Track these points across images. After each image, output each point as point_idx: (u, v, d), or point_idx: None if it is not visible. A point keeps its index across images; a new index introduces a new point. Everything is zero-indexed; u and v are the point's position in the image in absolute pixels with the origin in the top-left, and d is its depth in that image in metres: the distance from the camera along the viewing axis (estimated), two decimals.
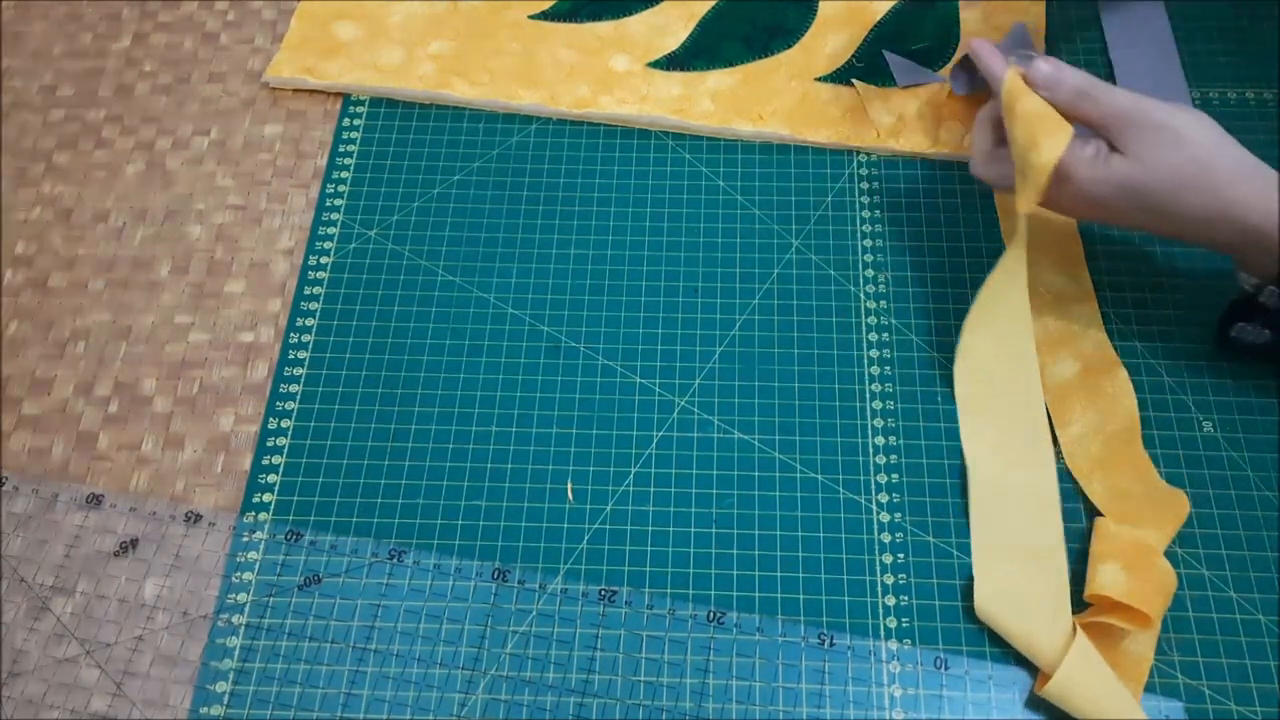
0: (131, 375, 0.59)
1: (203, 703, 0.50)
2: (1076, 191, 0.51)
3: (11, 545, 0.54)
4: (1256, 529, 0.53)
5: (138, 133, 0.67)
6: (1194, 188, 0.49)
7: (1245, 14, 0.69)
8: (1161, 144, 0.49)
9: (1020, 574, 0.51)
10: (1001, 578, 0.51)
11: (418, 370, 0.58)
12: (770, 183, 0.64)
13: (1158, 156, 0.49)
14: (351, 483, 0.55)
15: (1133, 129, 0.50)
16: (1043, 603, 0.50)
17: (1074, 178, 0.51)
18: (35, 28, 0.72)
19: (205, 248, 0.63)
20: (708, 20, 0.69)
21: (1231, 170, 0.49)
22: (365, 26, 0.70)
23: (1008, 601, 0.50)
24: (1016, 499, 0.53)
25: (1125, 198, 0.50)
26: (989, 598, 0.50)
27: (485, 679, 0.50)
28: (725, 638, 0.51)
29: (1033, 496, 0.53)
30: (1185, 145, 0.49)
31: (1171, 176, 0.49)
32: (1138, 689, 0.48)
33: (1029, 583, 0.51)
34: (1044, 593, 0.50)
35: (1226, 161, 0.49)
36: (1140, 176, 0.50)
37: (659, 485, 0.54)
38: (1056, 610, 0.50)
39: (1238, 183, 0.49)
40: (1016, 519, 0.52)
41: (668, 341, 0.58)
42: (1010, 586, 0.51)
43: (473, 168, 0.65)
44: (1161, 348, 0.57)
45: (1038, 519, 0.52)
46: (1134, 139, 0.50)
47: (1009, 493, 0.53)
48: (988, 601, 0.50)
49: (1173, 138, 0.49)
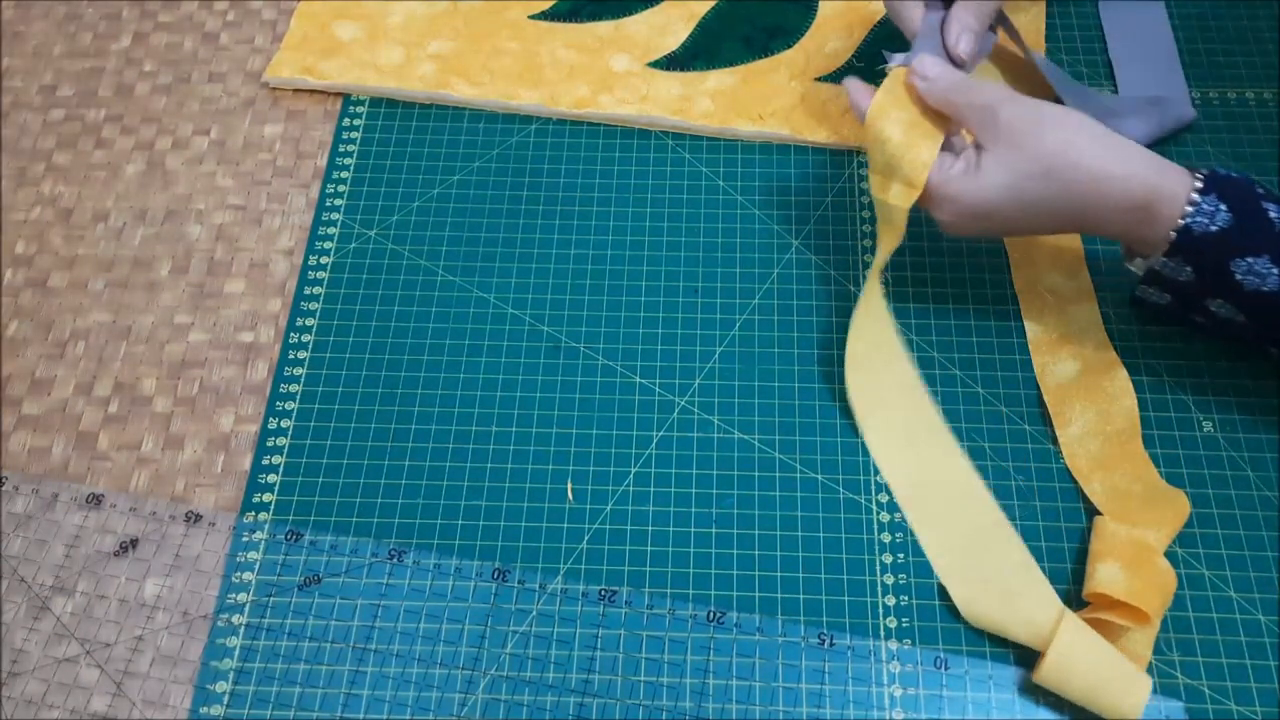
0: (131, 375, 0.59)
1: (203, 703, 0.50)
2: (959, 208, 0.52)
3: (11, 545, 0.54)
4: (1256, 529, 0.53)
5: (138, 133, 0.67)
6: (1064, 170, 0.50)
7: (1245, 14, 0.69)
8: (1028, 133, 0.50)
9: (979, 562, 0.51)
10: (965, 573, 0.51)
11: (418, 370, 0.58)
12: (770, 183, 0.64)
13: (1027, 145, 0.50)
14: (351, 483, 0.55)
15: (1001, 120, 0.51)
16: (1013, 582, 0.50)
17: (951, 195, 0.52)
18: (35, 28, 0.72)
19: (205, 248, 0.63)
20: (708, 20, 0.69)
21: (1098, 148, 0.50)
22: (365, 26, 0.70)
23: (983, 592, 0.50)
24: (942, 491, 0.53)
25: (1005, 197, 0.51)
26: (967, 600, 0.51)
27: (485, 679, 0.50)
28: (725, 638, 0.51)
29: (954, 484, 0.53)
30: (1050, 129, 0.50)
31: (1041, 164, 0.50)
32: None
33: (992, 568, 0.51)
34: (1009, 572, 0.51)
35: (1092, 141, 0.50)
36: (1012, 171, 0.50)
37: (659, 485, 0.54)
38: (1030, 583, 0.50)
39: (1105, 157, 0.50)
40: (951, 509, 0.53)
41: (668, 341, 0.58)
42: (977, 577, 0.51)
43: (473, 168, 0.65)
44: (1161, 348, 0.57)
45: (969, 504, 0.53)
46: (1004, 129, 0.50)
47: (932, 487, 0.53)
48: (968, 603, 0.50)
49: (1036, 125, 0.50)
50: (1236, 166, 0.63)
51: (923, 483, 0.54)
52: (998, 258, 0.61)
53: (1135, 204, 0.50)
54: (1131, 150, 0.50)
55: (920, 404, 0.55)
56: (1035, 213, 0.51)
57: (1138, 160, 0.50)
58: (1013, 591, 0.50)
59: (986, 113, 0.51)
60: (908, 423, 0.55)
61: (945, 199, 0.52)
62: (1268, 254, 0.49)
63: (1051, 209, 0.51)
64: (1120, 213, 0.50)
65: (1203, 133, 0.64)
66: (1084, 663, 0.47)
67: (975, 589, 0.51)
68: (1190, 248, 0.49)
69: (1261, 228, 0.49)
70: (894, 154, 0.52)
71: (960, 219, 0.53)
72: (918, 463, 0.54)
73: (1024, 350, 0.58)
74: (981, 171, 0.51)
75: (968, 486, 0.53)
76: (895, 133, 0.52)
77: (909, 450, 0.54)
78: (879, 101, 0.53)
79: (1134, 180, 0.49)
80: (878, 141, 0.53)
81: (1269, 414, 0.56)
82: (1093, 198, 0.50)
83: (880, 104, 0.53)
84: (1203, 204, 0.49)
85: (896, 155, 0.52)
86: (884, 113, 0.53)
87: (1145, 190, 0.49)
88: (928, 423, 0.55)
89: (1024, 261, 0.60)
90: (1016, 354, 0.58)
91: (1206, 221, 0.49)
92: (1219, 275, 0.50)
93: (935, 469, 0.54)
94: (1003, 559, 0.51)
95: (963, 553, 0.52)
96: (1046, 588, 0.50)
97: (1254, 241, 0.49)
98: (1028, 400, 0.56)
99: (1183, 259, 0.50)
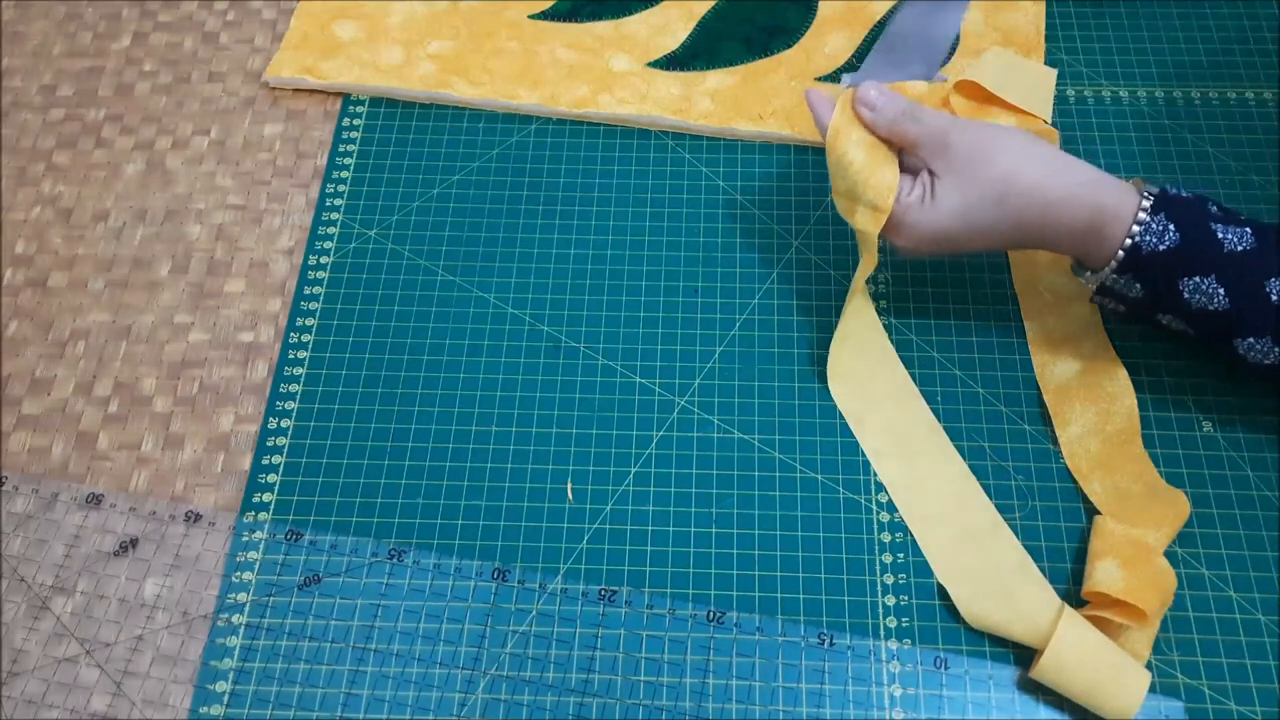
0: (131, 375, 0.58)
1: (203, 703, 0.50)
2: (916, 234, 0.52)
3: (11, 545, 0.54)
4: (1256, 529, 0.53)
5: (138, 132, 0.67)
6: (1011, 197, 0.50)
7: (1245, 14, 0.69)
8: (977, 160, 0.51)
9: (976, 562, 0.51)
10: (964, 575, 0.51)
11: (418, 370, 0.58)
12: (770, 183, 0.64)
13: (976, 172, 0.51)
14: (351, 483, 0.55)
15: (950, 148, 0.51)
16: (1011, 582, 0.51)
17: (908, 222, 0.52)
18: (35, 28, 0.72)
19: (205, 247, 0.62)
20: (707, 20, 0.69)
21: (1042, 172, 0.51)
22: (365, 26, 0.70)
23: (982, 593, 0.51)
24: (936, 491, 0.53)
25: (960, 224, 0.51)
26: (967, 600, 0.51)
27: (485, 679, 0.50)
28: (725, 638, 0.51)
29: (950, 484, 0.53)
30: (998, 156, 0.51)
31: (991, 190, 0.51)
32: None
33: (990, 569, 0.51)
34: (1007, 572, 0.51)
35: (1037, 165, 0.51)
36: (965, 197, 0.51)
37: (659, 485, 0.54)
38: (1028, 582, 0.50)
39: (1048, 182, 0.50)
40: (947, 510, 0.53)
41: (668, 341, 0.58)
42: (976, 578, 0.51)
43: (473, 168, 0.65)
44: (1161, 348, 0.57)
45: (965, 503, 0.53)
46: (954, 157, 0.51)
47: (927, 489, 0.54)
48: (968, 603, 0.51)
49: (984, 152, 0.51)
50: (1237, 166, 0.63)
51: (919, 482, 0.54)
52: (998, 258, 0.61)
53: (1083, 224, 0.50)
54: (1077, 171, 0.51)
55: (914, 407, 0.55)
56: (989, 236, 0.52)
57: (1083, 181, 0.51)
58: (1011, 591, 0.50)
59: (936, 141, 0.52)
60: (902, 427, 0.55)
61: (904, 226, 0.52)
62: (1214, 274, 0.49)
63: (1003, 233, 0.52)
64: (1070, 233, 0.51)
65: (1202, 133, 0.64)
66: (1082, 657, 0.48)
67: (974, 590, 0.51)
68: (1139, 265, 0.50)
69: (1208, 249, 0.49)
70: (857, 178, 0.52)
71: (919, 244, 0.53)
72: (913, 466, 0.54)
73: (1024, 350, 0.58)
74: (937, 200, 0.52)
75: (963, 486, 0.53)
76: (857, 156, 0.52)
77: (904, 454, 0.55)
78: (836, 122, 0.53)
79: (1078, 203, 0.50)
80: (840, 165, 0.53)
81: (1269, 414, 0.56)
82: (1041, 220, 0.51)
83: (838, 125, 0.53)
84: (1151, 223, 0.49)
85: (860, 179, 0.52)
86: (843, 134, 0.53)
87: (1091, 212, 0.50)
88: (923, 425, 0.55)
89: (1024, 262, 0.60)
90: (1016, 354, 0.58)
91: (1155, 241, 0.49)
92: (1168, 293, 0.50)
93: (929, 467, 0.54)
94: (1000, 560, 0.51)
95: (960, 554, 0.52)
96: (1045, 587, 0.50)
97: (1201, 263, 0.49)
98: (1028, 400, 0.56)
99: (1132, 276, 0.51)
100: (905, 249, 0.54)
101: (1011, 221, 0.51)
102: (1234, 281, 0.49)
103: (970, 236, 0.52)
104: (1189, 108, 0.65)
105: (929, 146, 0.52)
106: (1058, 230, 0.51)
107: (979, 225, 0.51)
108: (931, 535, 0.53)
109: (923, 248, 0.53)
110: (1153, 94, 0.66)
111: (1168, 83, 0.67)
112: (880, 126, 0.53)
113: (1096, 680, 0.47)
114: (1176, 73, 0.67)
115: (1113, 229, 0.50)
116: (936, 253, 0.55)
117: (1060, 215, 0.50)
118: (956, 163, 0.51)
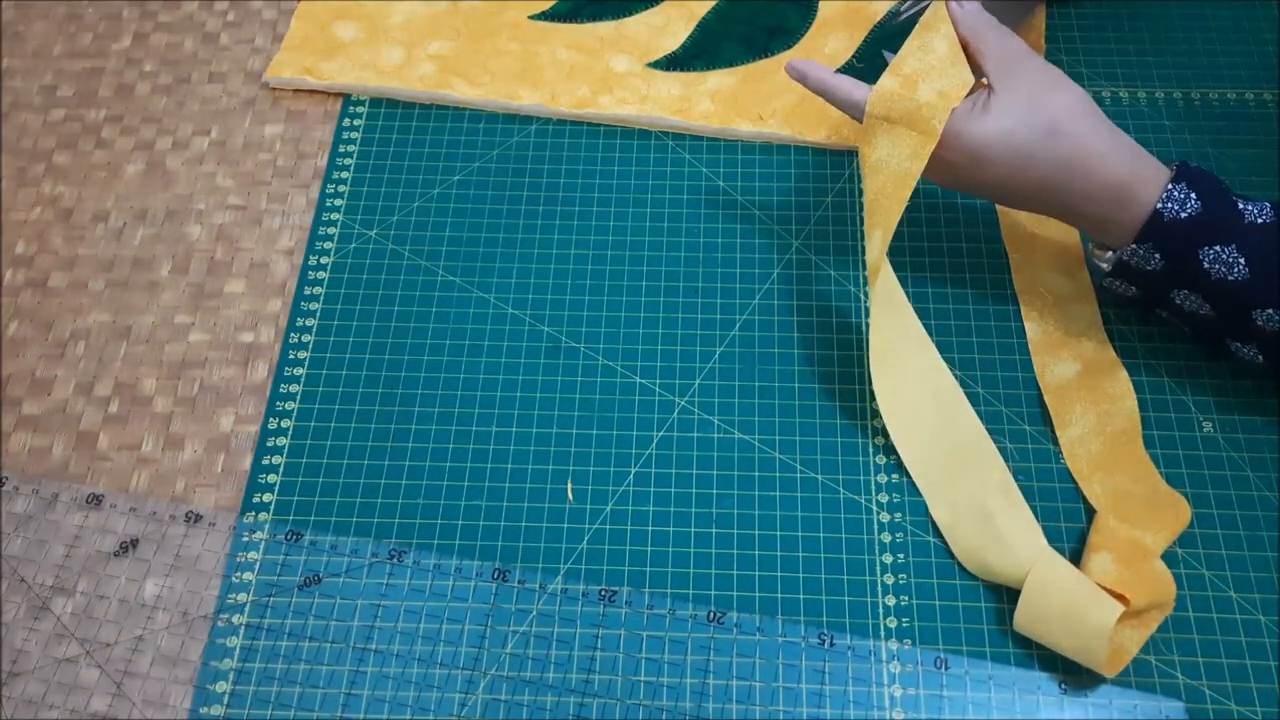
0: (131, 375, 0.59)
1: (203, 703, 0.50)
2: (955, 144, 0.52)
3: (11, 545, 0.54)
4: (1256, 529, 0.53)
5: (138, 133, 0.67)
6: (1061, 134, 0.51)
7: (1245, 14, 0.69)
8: (1041, 88, 0.52)
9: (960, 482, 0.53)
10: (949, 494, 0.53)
11: (418, 370, 0.58)
12: (770, 183, 0.64)
13: (1036, 99, 0.52)
14: (351, 483, 0.55)
15: (1020, 71, 0.52)
16: (991, 500, 0.52)
17: (951, 128, 0.52)
18: (35, 28, 0.72)
19: (205, 248, 0.63)
20: (708, 21, 0.69)
21: (1093, 124, 0.52)
22: (365, 26, 0.70)
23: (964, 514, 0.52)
24: (954, 454, 0.54)
25: (1001, 144, 0.52)
26: (950, 525, 0.52)
27: (485, 679, 0.50)
28: (725, 638, 0.51)
29: (966, 445, 0.54)
30: (1061, 93, 0.52)
31: (1044, 120, 0.51)
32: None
33: (974, 485, 0.53)
34: (992, 488, 0.52)
35: (1089, 117, 0.52)
36: (1016, 120, 0.51)
37: (659, 485, 0.54)
38: (1010, 504, 0.52)
39: (1096, 134, 0.51)
40: (957, 469, 0.53)
41: (668, 341, 0.58)
42: (959, 499, 0.52)
43: (473, 168, 0.65)
44: (1161, 348, 0.57)
45: (978, 462, 0.53)
46: (1020, 80, 0.52)
47: (917, 404, 0.54)
48: (951, 528, 0.52)
49: (1051, 87, 0.52)
50: (1236, 167, 0.63)
51: (935, 447, 0.54)
52: (998, 259, 0.61)
53: (1115, 182, 0.51)
54: (1119, 136, 0.52)
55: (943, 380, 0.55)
56: (1022, 172, 0.52)
57: (1127, 145, 0.52)
58: (992, 514, 0.52)
59: (1009, 58, 0.53)
60: (925, 397, 0.55)
61: (946, 133, 0.52)
62: (1235, 243, 0.50)
63: (1038, 173, 0.52)
64: (1100, 189, 0.51)
65: (1203, 133, 0.64)
66: (1058, 591, 0.49)
67: (957, 514, 0.52)
68: (1161, 234, 0.50)
69: (1229, 217, 0.50)
70: (937, 65, 0.53)
71: (956, 158, 0.53)
72: (929, 431, 0.54)
73: (1024, 350, 0.58)
74: (988, 113, 0.52)
75: (979, 446, 0.54)
76: (941, 45, 0.54)
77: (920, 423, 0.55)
78: (936, 11, 0.54)
79: (1118, 162, 0.51)
80: (923, 49, 0.54)
81: (1269, 414, 0.56)
82: (1079, 170, 0.51)
83: (937, 12, 0.54)
84: (1174, 191, 0.50)
85: (940, 67, 0.53)
86: (930, 26, 0.54)
87: (1126, 171, 0.51)
88: (949, 391, 0.55)
89: (1024, 262, 0.60)
90: (1016, 354, 0.58)
91: (1177, 208, 0.50)
92: (1188, 264, 0.50)
93: (946, 429, 0.54)
94: (984, 478, 0.53)
95: (944, 470, 0.53)
96: (1025, 512, 0.52)
97: (1223, 231, 0.50)
98: (1028, 400, 0.56)
99: (1153, 246, 0.51)
100: (933, 164, 0.54)
101: (1050, 162, 0.51)
102: (1254, 251, 0.49)
103: (1005, 161, 0.52)
104: (1189, 108, 0.66)
105: (1000, 60, 0.53)
106: (1090, 185, 0.51)
107: (1020, 151, 0.51)
108: (917, 455, 0.54)
109: (959, 164, 0.53)
110: (1153, 94, 0.66)
111: (1168, 83, 0.67)
112: (965, 23, 0.54)
113: (1071, 611, 0.48)
114: (1177, 73, 0.67)
115: (1140, 193, 0.51)
116: (968, 180, 0.54)
117: (1099, 169, 0.51)
118: (1021, 86, 0.52)
